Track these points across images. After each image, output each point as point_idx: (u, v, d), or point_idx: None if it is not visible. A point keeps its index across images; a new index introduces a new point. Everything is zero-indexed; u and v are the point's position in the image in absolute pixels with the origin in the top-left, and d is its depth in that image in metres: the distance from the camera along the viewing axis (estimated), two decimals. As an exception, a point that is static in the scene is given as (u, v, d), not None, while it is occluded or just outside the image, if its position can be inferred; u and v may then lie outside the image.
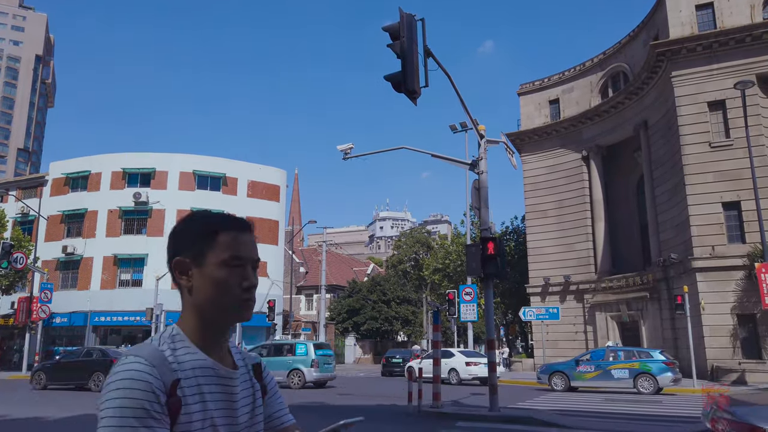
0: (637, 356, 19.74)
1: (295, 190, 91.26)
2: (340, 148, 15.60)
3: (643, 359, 19.38)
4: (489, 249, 12.35)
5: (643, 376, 18.81)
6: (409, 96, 10.75)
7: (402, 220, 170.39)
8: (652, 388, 18.61)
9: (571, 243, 35.12)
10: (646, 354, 19.93)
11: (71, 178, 38.72)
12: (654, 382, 18.64)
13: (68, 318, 35.75)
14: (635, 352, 20.32)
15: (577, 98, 36.40)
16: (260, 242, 8.14)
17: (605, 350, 21.21)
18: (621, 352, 20.43)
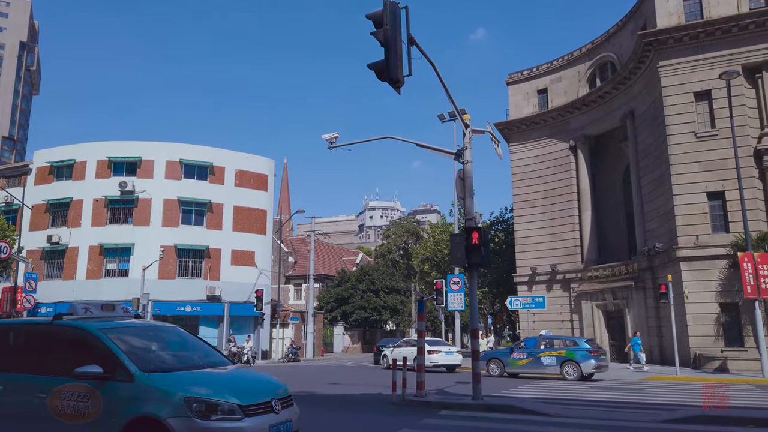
0: (565, 344, 20.90)
1: (284, 180, 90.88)
2: (325, 137, 15.51)
3: (569, 347, 20.46)
4: (473, 239, 12.36)
5: (569, 363, 19.87)
6: (393, 85, 10.67)
7: (391, 210, 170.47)
8: (577, 375, 19.65)
9: (558, 232, 35.33)
10: (573, 342, 21.00)
11: (56, 167, 38.24)
12: (578, 369, 19.68)
13: (54, 308, 35.39)
14: (564, 341, 21.53)
15: (565, 88, 36.45)
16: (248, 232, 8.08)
17: (537, 338, 22.35)
18: (551, 341, 21.66)
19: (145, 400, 5.40)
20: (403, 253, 65.41)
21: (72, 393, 5.70)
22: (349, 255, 75.16)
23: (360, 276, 54.87)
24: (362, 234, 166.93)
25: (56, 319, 6.38)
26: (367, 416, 10.88)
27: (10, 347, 6.75)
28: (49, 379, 5.90)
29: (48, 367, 6.06)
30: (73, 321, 6.46)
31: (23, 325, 7.39)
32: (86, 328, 6.17)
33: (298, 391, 15.80)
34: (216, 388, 5.64)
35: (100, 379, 5.59)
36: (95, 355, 5.83)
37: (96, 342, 5.95)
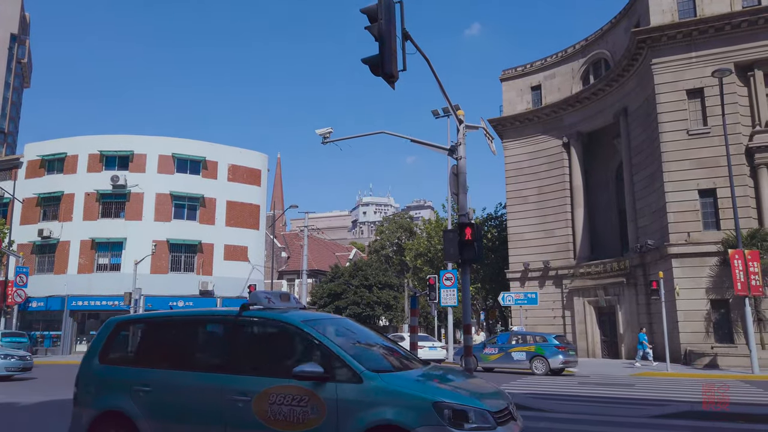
0: (535, 340, 21.32)
1: (277, 175, 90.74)
2: (318, 132, 15.44)
3: (538, 343, 20.96)
4: (466, 234, 12.34)
5: (537, 358, 20.51)
6: (387, 80, 10.62)
7: (385, 206, 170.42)
8: (545, 369, 20.24)
9: (551, 229, 35.45)
10: (543, 339, 21.40)
11: (47, 160, 37.96)
12: (546, 364, 20.27)
13: (45, 302, 35.28)
14: (534, 337, 21.84)
15: (559, 85, 36.50)
16: (241, 226, 7.98)
17: (509, 334, 22.99)
18: (523, 337, 22.11)
19: (383, 404, 4.66)
20: (397, 248, 65.44)
21: (285, 395, 4.93)
22: (343, 250, 75.13)
23: (353, 271, 54.86)
24: (356, 229, 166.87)
25: (244, 310, 5.60)
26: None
27: (193, 342, 5.99)
28: (252, 380, 5.12)
29: (244, 366, 5.31)
30: (270, 313, 5.67)
31: (207, 317, 6.36)
32: (289, 320, 5.38)
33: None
34: (457, 391, 4.92)
35: (320, 379, 4.85)
36: (304, 351, 5.21)
37: (304, 337, 5.24)
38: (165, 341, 6.00)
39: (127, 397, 5.52)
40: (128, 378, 5.67)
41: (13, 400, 12.29)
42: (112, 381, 5.78)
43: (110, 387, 5.75)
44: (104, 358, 6.01)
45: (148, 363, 5.79)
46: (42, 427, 9.20)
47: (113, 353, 6.08)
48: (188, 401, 5.37)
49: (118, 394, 5.62)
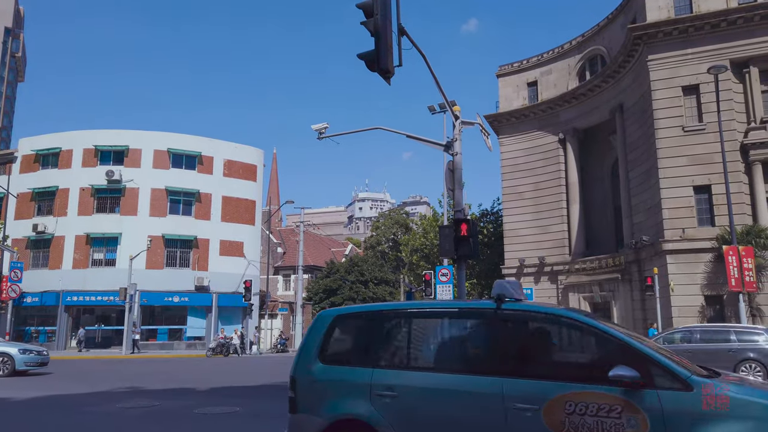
0: None
1: (273, 170, 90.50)
2: (314, 128, 15.41)
3: None
4: (462, 230, 12.36)
5: None
6: (383, 75, 10.62)
7: (381, 201, 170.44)
8: None
9: (546, 225, 35.53)
10: None
11: (41, 155, 37.77)
12: None
13: (40, 297, 35.16)
14: None
15: (555, 81, 36.53)
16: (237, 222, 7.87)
17: None
18: None
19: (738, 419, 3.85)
20: (393, 244, 65.52)
21: (588, 404, 4.16)
22: (339, 246, 75.14)
23: (349, 267, 54.92)
24: (352, 225, 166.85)
25: (501, 302, 4.82)
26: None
27: (443, 340, 5.32)
28: (541, 384, 4.36)
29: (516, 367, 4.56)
30: (540, 307, 5.11)
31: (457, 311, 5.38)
32: (572, 316, 4.69)
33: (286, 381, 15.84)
34: None
35: (635, 386, 4.08)
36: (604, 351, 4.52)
37: (601, 335, 4.48)
38: (404, 338, 5.21)
39: (366, 403, 4.80)
40: (364, 380, 4.90)
41: (70, 392, 12.27)
42: (344, 384, 5.01)
43: (342, 391, 4.99)
44: (325, 357, 5.23)
45: (387, 363, 5.00)
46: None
47: (335, 351, 5.34)
48: (454, 410, 4.54)
49: (354, 400, 4.88)
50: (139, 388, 13.62)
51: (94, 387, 13.80)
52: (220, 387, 14.11)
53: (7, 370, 16.62)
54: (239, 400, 11.36)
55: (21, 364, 16.89)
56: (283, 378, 16.46)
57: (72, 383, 14.84)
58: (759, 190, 25.16)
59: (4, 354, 16.75)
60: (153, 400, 11.26)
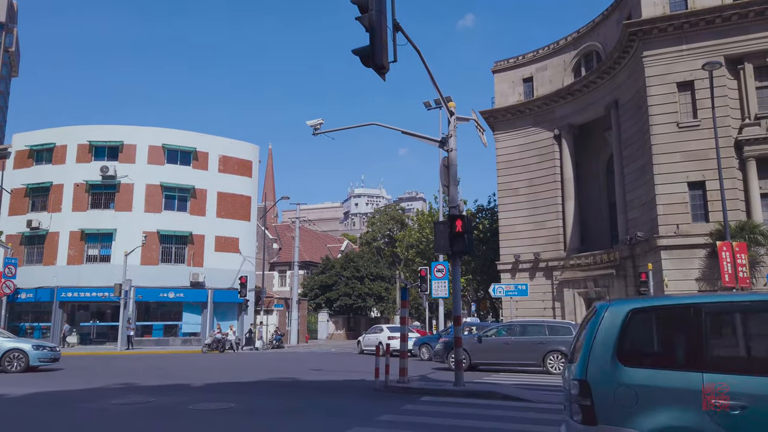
0: (476, 331, 22.20)
1: (269, 166, 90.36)
2: (309, 123, 15.39)
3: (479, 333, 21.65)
4: (457, 227, 12.41)
5: None
6: (378, 71, 10.60)
7: (377, 197, 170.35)
8: None
9: (541, 221, 35.62)
10: (479, 328, 22.78)
11: (35, 151, 37.55)
12: None
13: (34, 293, 35.03)
14: (479, 328, 23.15)
15: (551, 77, 36.54)
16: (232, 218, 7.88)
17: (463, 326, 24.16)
18: (471, 327, 23.45)
19: None
20: (388, 240, 65.55)
21: None
22: (334, 242, 75.14)
23: (345, 263, 54.93)
24: (347, 221, 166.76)
25: None
26: (350, 402, 10.94)
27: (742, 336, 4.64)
28: None
29: None
30: None
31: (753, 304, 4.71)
32: None
33: (281, 377, 15.87)
34: None
35: None
36: None
37: None
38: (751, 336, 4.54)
39: (697, 414, 4.09)
40: (691, 386, 4.17)
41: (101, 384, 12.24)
42: (662, 391, 4.26)
43: (660, 399, 4.24)
44: (625, 358, 4.47)
45: (726, 366, 4.25)
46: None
47: (639, 351, 4.65)
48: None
49: (679, 410, 4.16)
50: (133, 384, 13.60)
51: (89, 383, 13.78)
52: (216, 383, 14.11)
53: (21, 365, 16.87)
54: (234, 396, 11.36)
55: (35, 360, 17.12)
56: (279, 374, 16.53)
57: (70, 379, 14.81)
58: (753, 186, 25.28)
59: (19, 350, 17.00)
60: (148, 396, 11.25)
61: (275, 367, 19.71)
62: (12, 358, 16.88)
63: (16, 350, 16.97)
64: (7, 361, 16.76)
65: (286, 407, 10.19)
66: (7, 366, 16.76)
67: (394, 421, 8.45)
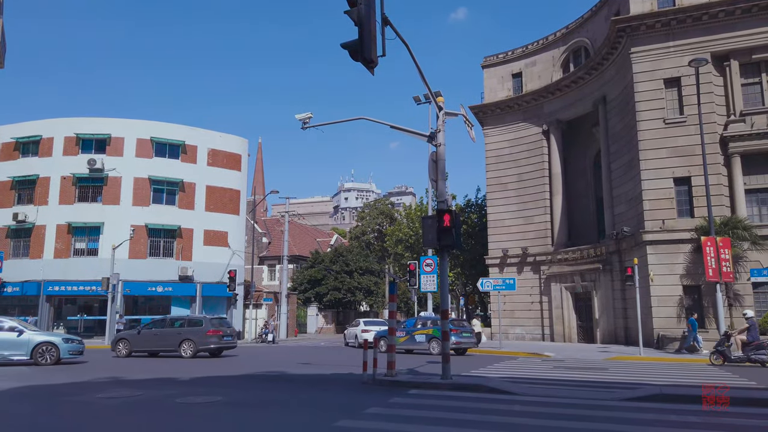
0: (433, 324, 23.04)
1: (258, 160, 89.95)
2: (298, 117, 15.40)
3: (435, 327, 22.56)
4: (445, 221, 12.49)
5: (434, 340, 22.29)
6: (366, 65, 10.63)
7: (367, 192, 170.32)
8: (439, 349, 21.24)
9: (529, 216, 35.83)
10: (435, 322, 23.35)
11: (21, 143, 37.16)
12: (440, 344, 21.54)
13: (20, 287, 34.75)
14: (434, 321, 23.70)
15: (540, 72, 36.69)
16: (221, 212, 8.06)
17: (416, 319, 25.20)
18: (425, 321, 24.22)
19: None
20: (378, 234, 65.64)
21: None
22: (324, 236, 75.09)
23: (334, 257, 54.96)
24: (337, 215, 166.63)
25: None
26: (338, 395, 11.02)
27: None
28: None
29: None
30: None
31: None
32: None
33: (269, 371, 15.92)
34: None
35: None
36: None
37: None
38: None
39: None
40: None
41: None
42: None
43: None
44: None
45: None
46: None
47: None
48: None
49: None
50: (120, 378, 13.59)
51: (75, 377, 13.75)
52: (203, 377, 14.13)
53: (52, 358, 17.35)
54: (222, 389, 11.40)
55: (65, 353, 17.71)
56: (267, 368, 16.56)
57: (56, 373, 14.76)
58: (737, 182, 25.60)
59: (50, 343, 17.51)
60: (135, 389, 11.26)
61: (263, 361, 19.74)
62: (43, 351, 17.37)
63: (47, 343, 17.50)
64: (39, 354, 17.26)
65: (273, 400, 10.24)
66: (39, 359, 17.25)
67: (380, 414, 8.52)
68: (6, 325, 17.72)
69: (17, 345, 17.27)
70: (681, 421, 8.00)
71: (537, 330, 34.21)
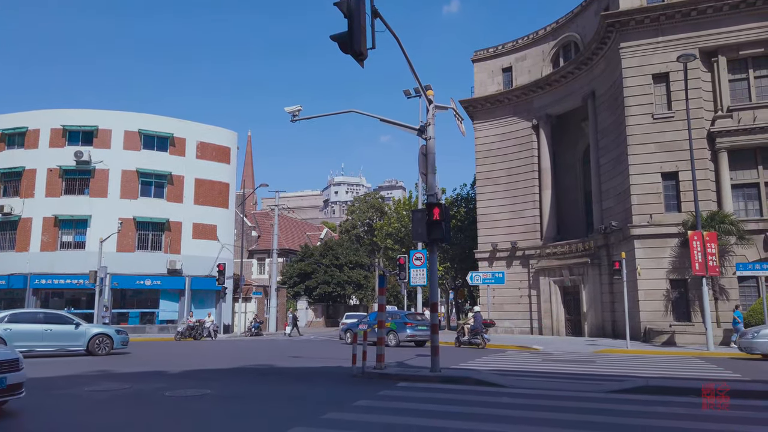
0: (392, 318, 24.33)
1: (248, 153, 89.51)
2: (287, 110, 15.30)
3: (393, 320, 24.29)
4: (434, 215, 12.51)
5: (391, 332, 23.77)
6: (356, 57, 10.60)
7: (357, 185, 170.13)
8: (395, 342, 23.81)
9: (519, 210, 35.97)
10: (398, 316, 25.15)
11: (6, 135, 36.68)
12: (396, 337, 23.94)
13: (6, 280, 34.41)
14: (393, 315, 25.10)
15: (530, 67, 36.74)
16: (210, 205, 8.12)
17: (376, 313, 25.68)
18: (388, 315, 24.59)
19: None
20: (368, 228, 65.64)
21: None
22: (314, 230, 74.95)
23: (324, 251, 54.90)
24: (327, 209, 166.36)
25: None
26: (326, 388, 11.02)
27: None
28: None
29: None
30: None
31: None
32: None
33: (259, 364, 15.90)
34: None
35: None
36: None
37: None
38: None
39: None
40: None
41: None
42: None
43: None
44: None
45: None
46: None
47: None
48: None
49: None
50: (108, 371, 13.51)
51: (61, 370, 13.65)
52: (192, 370, 14.08)
53: (107, 349, 18.69)
54: (211, 383, 11.36)
55: (118, 344, 19.04)
56: (254, 361, 16.54)
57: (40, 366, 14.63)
58: (724, 177, 25.84)
59: (106, 335, 18.88)
60: (123, 383, 11.20)
61: (253, 355, 19.71)
62: (99, 342, 18.61)
63: (102, 335, 18.81)
64: (95, 345, 18.49)
65: (262, 393, 10.23)
66: (96, 349, 18.47)
67: (369, 407, 8.54)
68: (66, 318, 19.02)
69: (75, 336, 18.45)
70: (668, 412, 8.09)
71: (526, 323, 34.42)
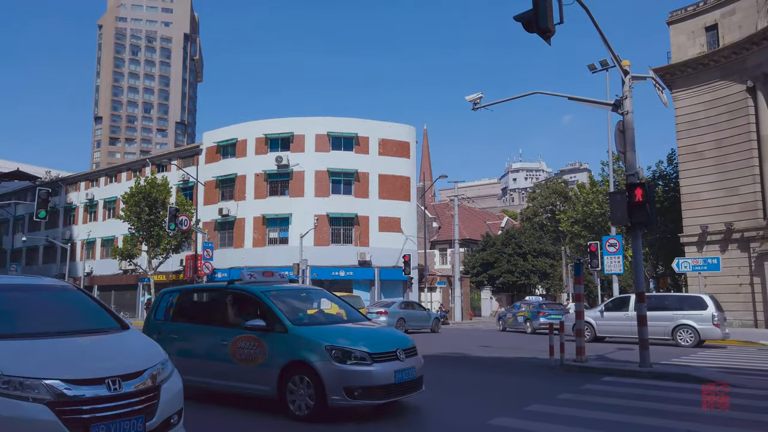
0: (529, 308, 26.91)
1: (424, 146, 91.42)
2: (468, 99, 15.10)
3: (530, 310, 26.39)
4: (636, 196, 11.40)
5: (528, 320, 25.72)
6: (542, 35, 10.06)
7: (536, 171, 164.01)
8: (531, 329, 25.14)
9: (733, 186, 31.46)
10: (533, 306, 27.16)
11: (221, 146, 42.18)
12: (532, 324, 25.28)
13: (228, 273, 39.48)
14: (530, 305, 27.49)
15: (740, 21, 31.83)
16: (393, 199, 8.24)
17: (519, 303, 29.43)
18: (528, 305, 28.03)
19: (297, 348, 6.74)
20: (551, 215, 62.90)
21: (245, 342, 7.17)
22: (494, 219, 74.03)
23: (505, 240, 53.92)
24: (505, 197, 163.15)
25: (229, 284, 8.12)
26: (525, 379, 10.71)
27: (196, 305, 8.97)
28: (227, 331, 7.49)
29: (225, 321, 7.73)
30: (241, 285, 8.02)
31: (205, 289, 9.89)
32: (251, 290, 7.69)
33: (451, 352, 16.07)
34: (351, 339, 6.81)
35: (264, 331, 7.02)
36: (259, 312, 7.33)
37: (259, 302, 7.43)
38: None
39: None
40: None
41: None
42: None
43: None
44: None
45: None
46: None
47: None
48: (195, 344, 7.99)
49: None
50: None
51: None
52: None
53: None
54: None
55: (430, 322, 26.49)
56: (449, 350, 16.72)
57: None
58: None
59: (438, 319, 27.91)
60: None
61: (442, 343, 20.01)
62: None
63: None
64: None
65: (461, 382, 10.27)
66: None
67: (574, 400, 8.12)
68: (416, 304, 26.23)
69: (425, 318, 26.39)
70: None
71: (748, 315, 30.04)
